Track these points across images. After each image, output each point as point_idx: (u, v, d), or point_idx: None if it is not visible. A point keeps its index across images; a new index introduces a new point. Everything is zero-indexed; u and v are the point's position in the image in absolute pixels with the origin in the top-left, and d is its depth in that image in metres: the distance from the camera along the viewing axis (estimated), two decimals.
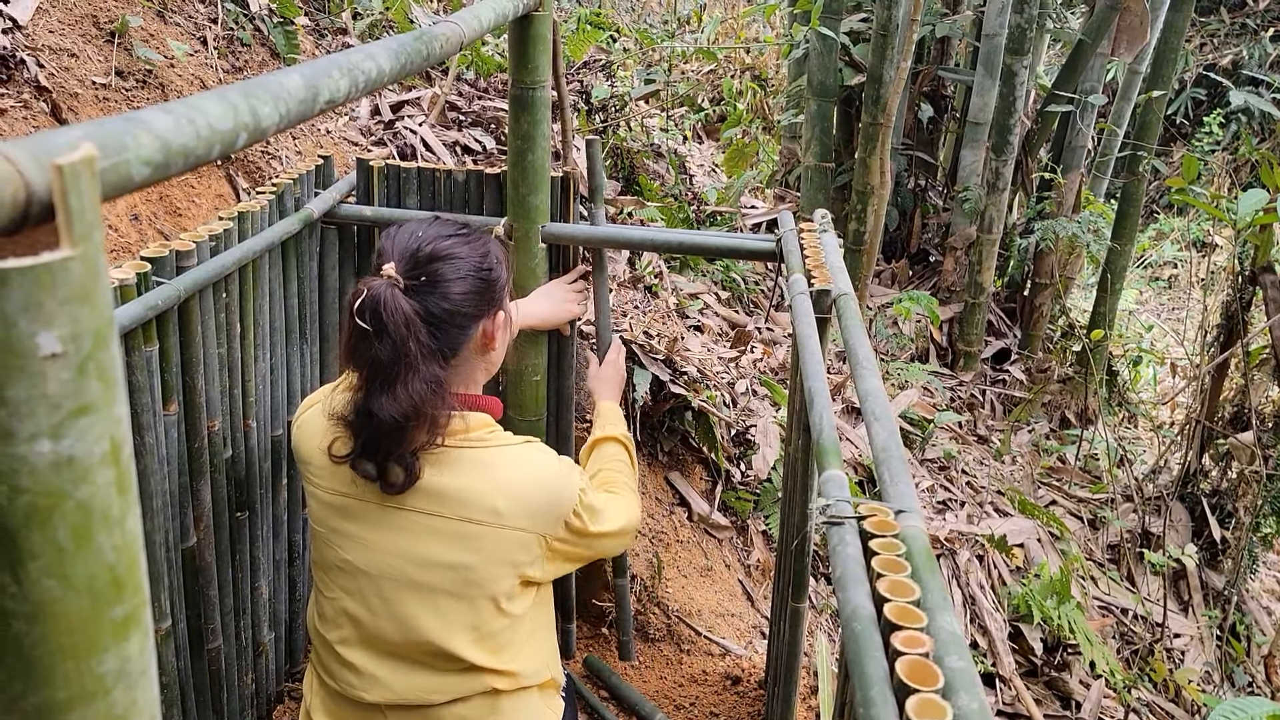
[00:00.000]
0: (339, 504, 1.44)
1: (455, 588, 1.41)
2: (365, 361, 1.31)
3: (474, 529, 1.39)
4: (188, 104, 0.58)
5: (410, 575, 1.41)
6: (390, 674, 1.45)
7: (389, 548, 1.41)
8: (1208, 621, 3.75)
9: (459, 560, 1.39)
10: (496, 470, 1.40)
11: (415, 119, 3.08)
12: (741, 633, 2.58)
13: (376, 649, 1.46)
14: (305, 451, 1.48)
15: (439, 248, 1.37)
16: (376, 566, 1.42)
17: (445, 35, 1.11)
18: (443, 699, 1.45)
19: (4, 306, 0.37)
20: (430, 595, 1.41)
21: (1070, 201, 4.97)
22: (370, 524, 1.42)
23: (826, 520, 0.87)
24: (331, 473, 1.44)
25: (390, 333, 1.29)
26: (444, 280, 1.35)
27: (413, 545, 1.40)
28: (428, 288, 1.34)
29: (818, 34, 4.43)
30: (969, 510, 3.66)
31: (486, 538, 1.39)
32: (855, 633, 0.73)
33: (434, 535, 1.39)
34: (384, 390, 1.30)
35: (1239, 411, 3.98)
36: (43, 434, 0.39)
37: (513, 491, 1.40)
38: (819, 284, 1.51)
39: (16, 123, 2.04)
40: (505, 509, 1.39)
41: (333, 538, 1.45)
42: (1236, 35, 9.29)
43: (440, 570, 1.40)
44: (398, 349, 1.29)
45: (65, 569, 0.41)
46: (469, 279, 1.37)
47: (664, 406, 2.66)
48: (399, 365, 1.30)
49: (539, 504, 1.41)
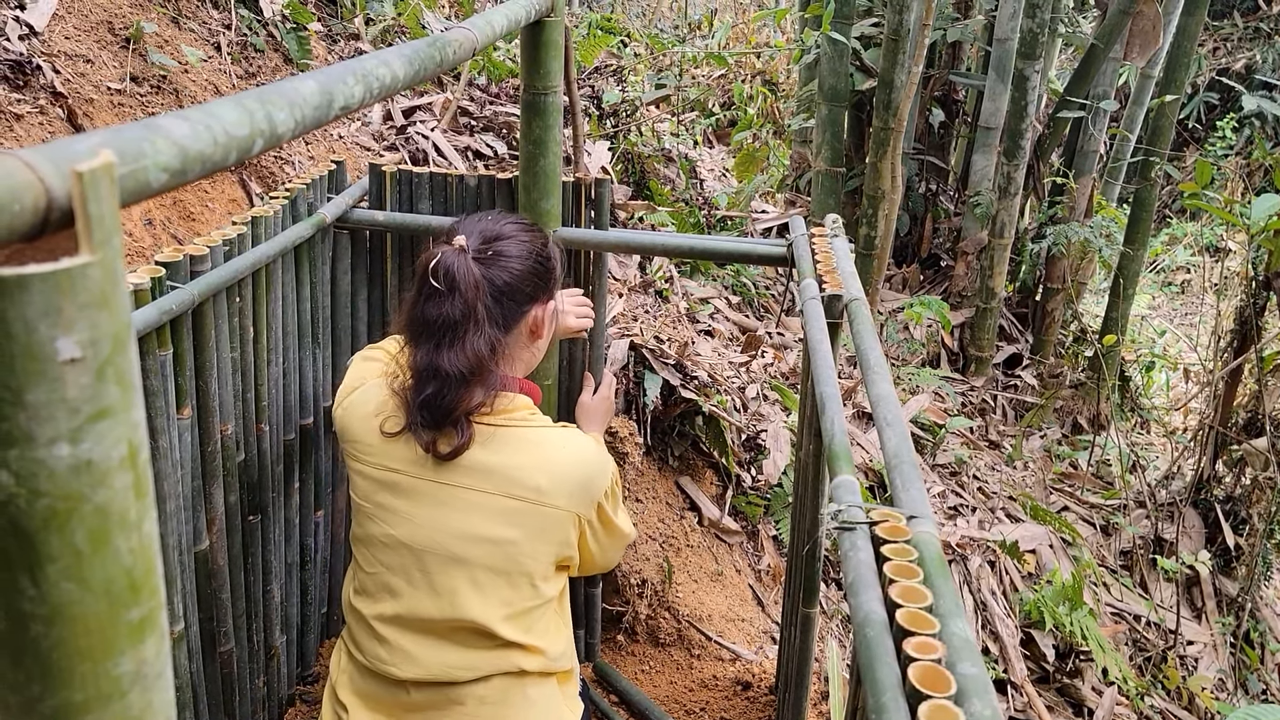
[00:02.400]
0: (388, 480, 1.49)
1: (496, 563, 1.46)
2: (435, 321, 1.42)
3: (517, 505, 1.45)
4: (204, 110, 0.59)
5: (453, 550, 1.46)
6: (422, 650, 1.50)
7: (434, 523, 1.46)
8: (1221, 629, 3.72)
9: (502, 535, 1.45)
10: (540, 449, 1.48)
11: (427, 124, 3.09)
12: (752, 638, 2.57)
13: (411, 625, 1.51)
14: (354, 431, 1.54)
15: (505, 229, 1.51)
16: (420, 541, 1.47)
17: (458, 41, 1.11)
18: (469, 676, 1.49)
19: (24, 311, 0.38)
20: (471, 570, 1.46)
21: (1082, 206, 4.95)
22: (416, 499, 1.47)
23: (838, 525, 0.87)
24: (381, 450, 1.49)
25: (462, 292, 1.41)
26: (508, 257, 1.48)
27: (457, 520, 1.45)
28: (493, 260, 1.47)
29: (829, 39, 4.42)
30: (980, 516, 3.65)
31: (529, 514, 1.45)
32: (867, 638, 0.73)
33: (478, 510, 1.45)
34: (451, 346, 1.41)
35: (1253, 417, 3.95)
36: (61, 438, 0.39)
37: (555, 470, 1.47)
38: (830, 289, 1.51)
39: (33, 128, 2.05)
40: (547, 486, 1.46)
41: (378, 513, 1.50)
42: (1250, 39, 9.25)
43: (483, 545, 1.45)
44: (468, 307, 1.41)
45: (83, 572, 0.41)
46: (529, 260, 1.50)
47: (674, 411, 2.66)
48: (468, 322, 1.41)
49: (578, 482, 1.48)
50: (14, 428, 0.38)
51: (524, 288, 1.50)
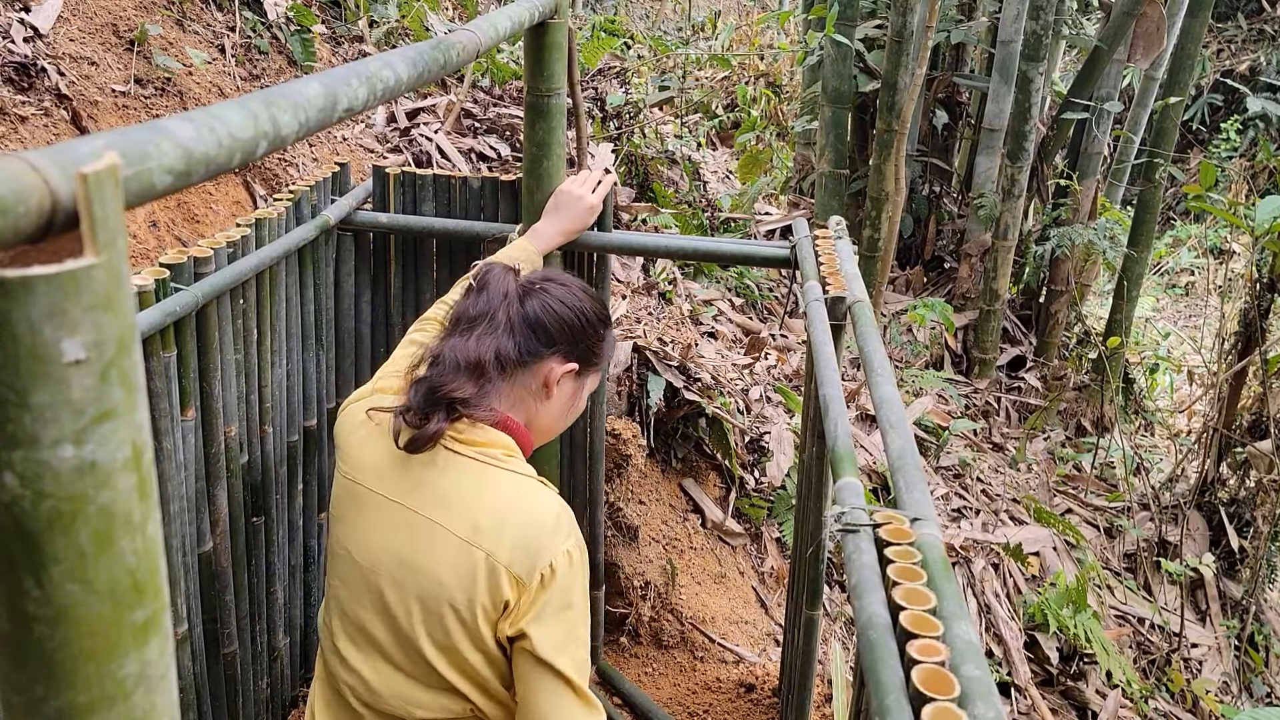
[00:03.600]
0: (352, 491, 1.44)
1: (425, 595, 1.36)
2: (460, 315, 1.44)
3: (448, 537, 1.35)
4: (209, 112, 0.59)
5: (392, 572, 1.39)
6: (374, 674, 1.43)
7: (380, 542, 1.40)
8: (1225, 631, 3.72)
9: (429, 567, 1.35)
10: (493, 490, 1.37)
11: (431, 126, 3.09)
12: (755, 640, 2.57)
13: (365, 644, 1.44)
14: (341, 432, 1.51)
15: (567, 279, 1.52)
16: (367, 559, 1.41)
17: (462, 43, 1.11)
18: (424, 715, 1.41)
19: (29, 313, 0.38)
20: (406, 598, 1.38)
21: (1086, 208, 4.95)
22: (370, 515, 1.42)
23: (842, 528, 0.87)
24: (354, 454, 1.45)
25: (490, 295, 1.43)
26: (551, 295, 1.47)
27: (398, 542, 1.39)
28: (538, 292, 1.47)
29: (832, 41, 4.43)
30: (984, 518, 3.64)
31: (456, 551, 1.34)
32: (871, 641, 0.73)
33: (415, 536, 1.37)
34: (462, 336, 1.42)
35: (1257, 420, 3.95)
36: (66, 439, 0.39)
37: (498, 514, 1.35)
38: (834, 291, 1.51)
39: (37, 130, 2.06)
40: (484, 527, 1.34)
41: (338, 525, 1.46)
42: (1254, 41, 9.24)
43: (414, 573, 1.37)
44: (489, 308, 1.42)
45: (87, 573, 0.41)
46: (571, 310, 1.47)
47: (678, 413, 2.66)
48: (483, 321, 1.42)
49: (517, 537, 1.34)
50: (19, 429, 0.38)
51: (552, 331, 1.44)
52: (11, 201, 0.38)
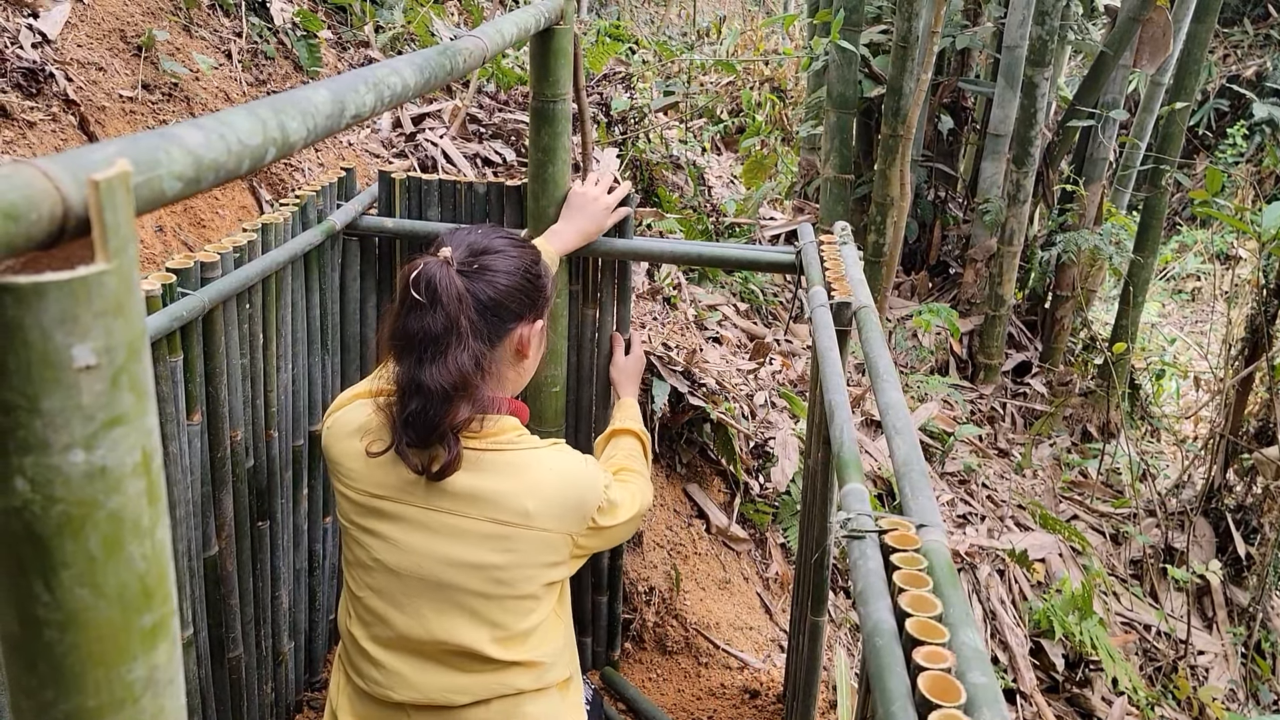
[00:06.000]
0: (372, 505, 1.46)
1: (484, 588, 1.44)
2: (416, 334, 1.37)
3: (504, 530, 1.42)
4: (218, 119, 0.59)
5: (439, 576, 1.44)
6: (416, 673, 1.48)
7: (420, 548, 1.44)
8: (1232, 638, 3.70)
9: (488, 561, 1.43)
10: (527, 472, 1.45)
11: (436, 131, 3.10)
12: (760, 646, 2.57)
13: (403, 648, 1.49)
14: (336, 452, 1.50)
15: (493, 243, 1.47)
16: (407, 567, 1.44)
17: (469, 49, 1.12)
18: (465, 700, 1.47)
19: (40, 319, 0.38)
20: (459, 595, 1.44)
21: (1092, 214, 4.94)
22: (402, 525, 1.44)
23: (847, 534, 0.87)
24: (365, 474, 1.46)
25: (444, 305, 1.37)
26: (494, 271, 1.44)
27: (443, 546, 1.43)
28: (479, 273, 1.42)
29: (837, 46, 4.43)
30: (990, 524, 3.64)
31: (517, 539, 1.43)
32: (877, 647, 0.73)
33: (464, 536, 1.42)
34: (434, 360, 1.36)
35: (1264, 426, 3.93)
36: (76, 444, 0.40)
37: (542, 493, 1.44)
38: (839, 296, 1.51)
39: (45, 135, 2.07)
40: (535, 510, 1.43)
41: (363, 538, 1.48)
42: (1260, 46, 9.22)
43: (471, 571, 1.43)
44: (451, 320, 1.37)
45: (96, 578, 0.41)
46: (516, 276, 1.46)
47: (682, 418, 2.66)
48: (450, 336, 1.37)
49: (567, 504, 1.46)
50: (30, 434, 0.39)
51: (510, 304, 1.45)
52: (24, 208, 0.38)
